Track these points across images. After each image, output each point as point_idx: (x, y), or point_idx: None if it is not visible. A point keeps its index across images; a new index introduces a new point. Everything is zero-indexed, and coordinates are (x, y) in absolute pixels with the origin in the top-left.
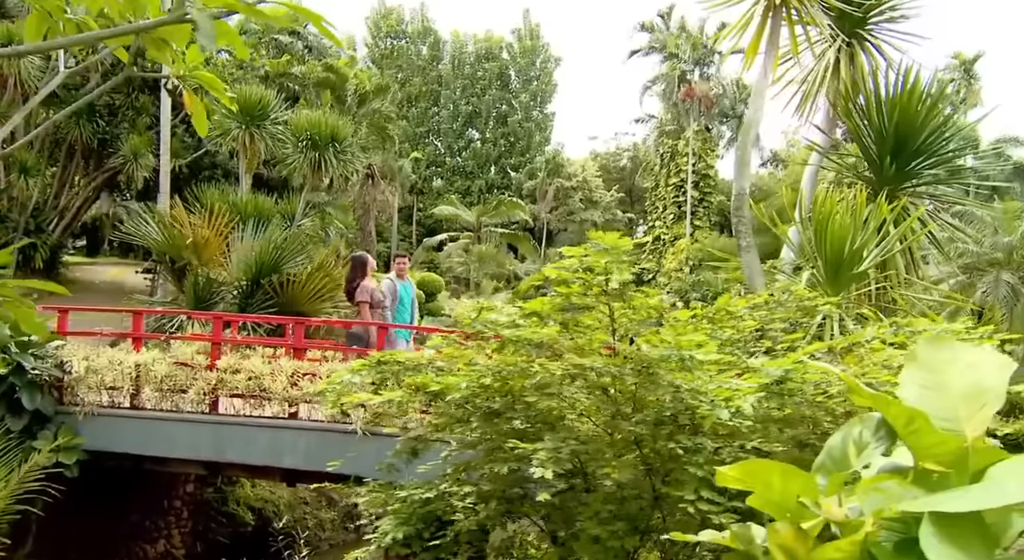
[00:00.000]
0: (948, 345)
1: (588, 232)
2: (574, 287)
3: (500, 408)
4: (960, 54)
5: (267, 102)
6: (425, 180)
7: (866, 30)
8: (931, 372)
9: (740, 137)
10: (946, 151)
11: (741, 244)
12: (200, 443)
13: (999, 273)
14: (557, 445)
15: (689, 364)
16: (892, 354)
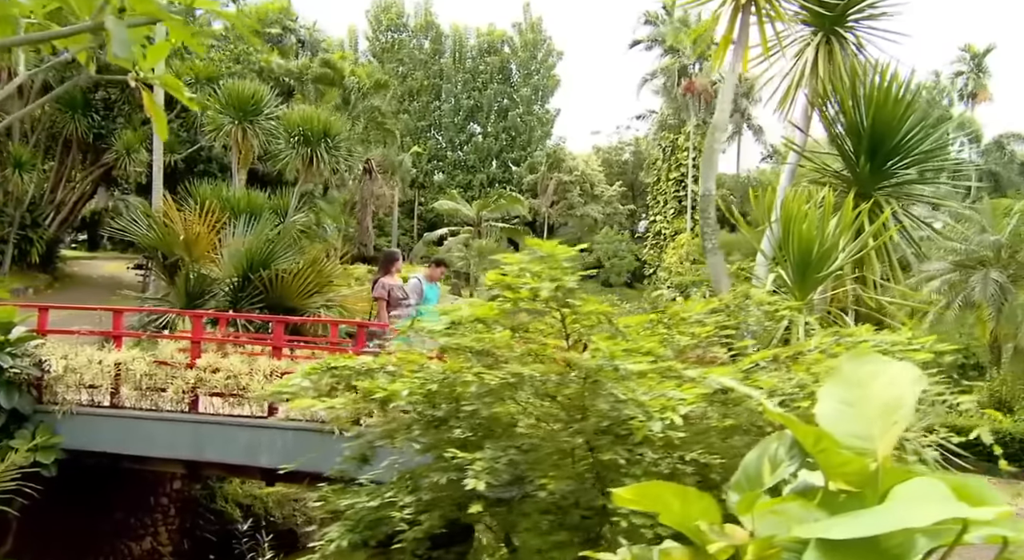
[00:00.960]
0: (871, 359)
1: (532, 241)
2: (522, 292)
3: (444, 415)
4: (971, 46)
5: (260, 97)
6: (426, 174)
7: (845, 27)
8: (852, 387)
9: (707, 138)
10: (922, 151)
11: (707, 246)
12: (179, 442)
13: (988, 272)
14: (496, 455)
15: (623, 373)
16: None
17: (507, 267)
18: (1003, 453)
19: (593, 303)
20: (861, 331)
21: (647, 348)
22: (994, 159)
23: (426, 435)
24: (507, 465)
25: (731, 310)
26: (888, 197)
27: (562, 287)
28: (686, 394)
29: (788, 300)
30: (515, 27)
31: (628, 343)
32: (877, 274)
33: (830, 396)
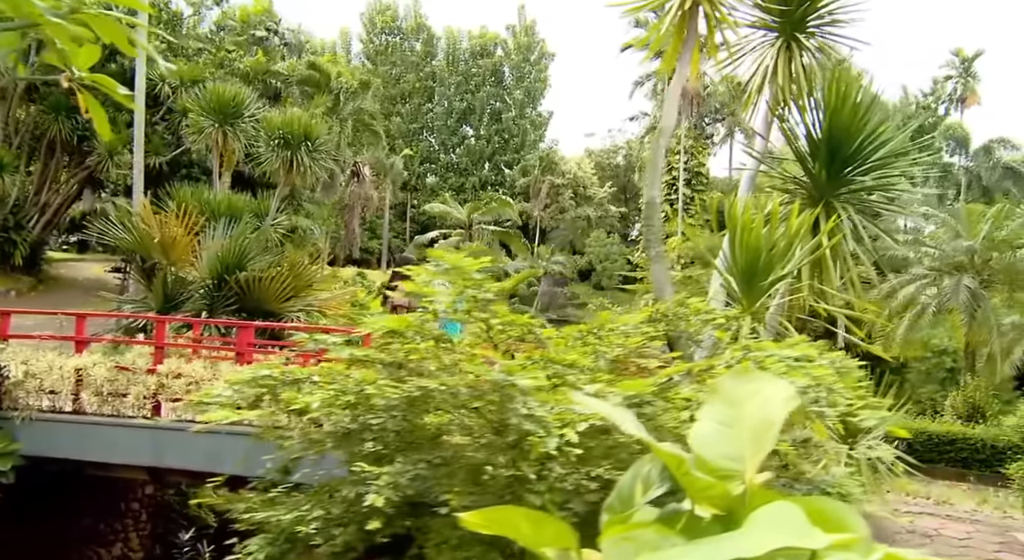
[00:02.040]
0: (751, 378)
1: (436, 252)
2: (445, 303)
3: (357, 428)
4: (960, 51)
5: (241, 100)
6: (419, 177)
7: (805, 33)
8: (729, 406)
9: (652, 144)
10: (879, 157)
11: (651, 254)
12: (140, 448)
13: (960, 277)
14: (403, 469)
15: (522, 388)
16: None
17: (418, 278)
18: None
19: (504, 312)
20: (769, 345)
21: (569, 360)
22: (982, 164)
23: (340, 447)
24: (412, 480)
25: (669, 319)
26: (845, 204)
27: (484, 299)
28: None
29: (735, 308)
30: (508, 30)
31: (552, 354)
32: (835, 282)
33: (708, 416)
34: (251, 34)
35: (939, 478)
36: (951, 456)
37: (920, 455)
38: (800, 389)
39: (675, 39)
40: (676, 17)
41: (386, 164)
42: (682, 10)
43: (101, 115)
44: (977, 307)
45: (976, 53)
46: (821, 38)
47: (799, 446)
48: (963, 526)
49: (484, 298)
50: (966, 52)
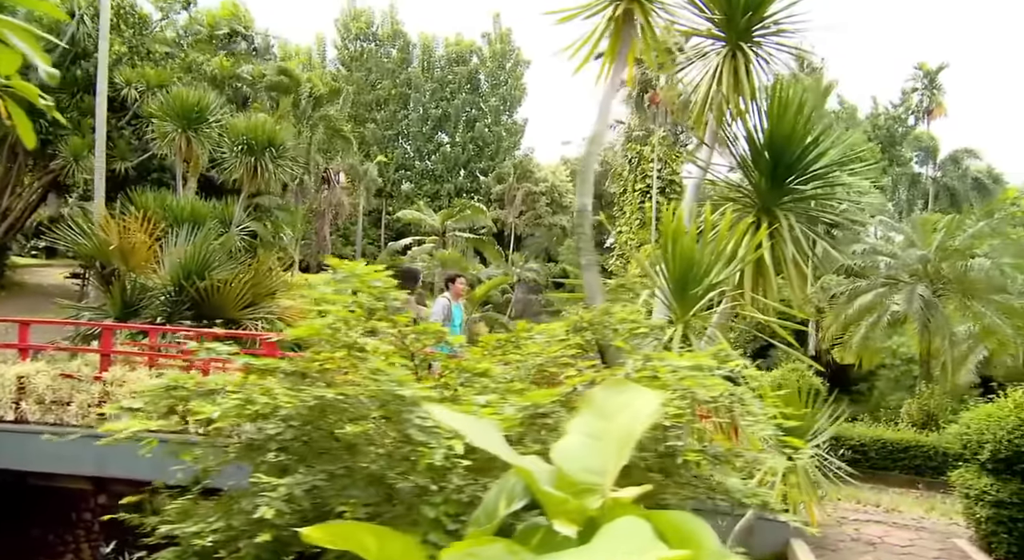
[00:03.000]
0: (625, 389)
1: (333, 260)
2: (342, 311)
3: (261, 438)
4: (923, 65)
5: (205, 105)
6: (394, 183)
7: (751, 42)
8: (600, 419)
9: (584, 151)
10: (822, 166)
11: (582, 262)
12: (82, 458)
13: (914, 286)
14: (300, 481)
15: (411, 398)
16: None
17: (320, 287)
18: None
19: (404, 319)
20: (669, 355)
21: (481, 369)
22: (950, 173)
23: (243, 458)
24: (308, 492)
25: (595, 327)
26: (788, 212)
27: (388, 307)
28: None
29: (667, 317)
30: (484, 38)
31: (464, 363)
32: (774, 291)
33: (577, 429)
34: (218, 38)
35: (893, 485)
36: (905, 463)
37: (875, 462)
38: (711, 399)
39: (609, 47)
40: (608, 25)
41: (360, 170)
42: (614, 18)
43: (24, 123)
44: (930, 315)
45: (939, 66)
46: (768, 48)
47: (717, 457)
48: (907, 533)
49: (392, 306)
50: (929, 65)
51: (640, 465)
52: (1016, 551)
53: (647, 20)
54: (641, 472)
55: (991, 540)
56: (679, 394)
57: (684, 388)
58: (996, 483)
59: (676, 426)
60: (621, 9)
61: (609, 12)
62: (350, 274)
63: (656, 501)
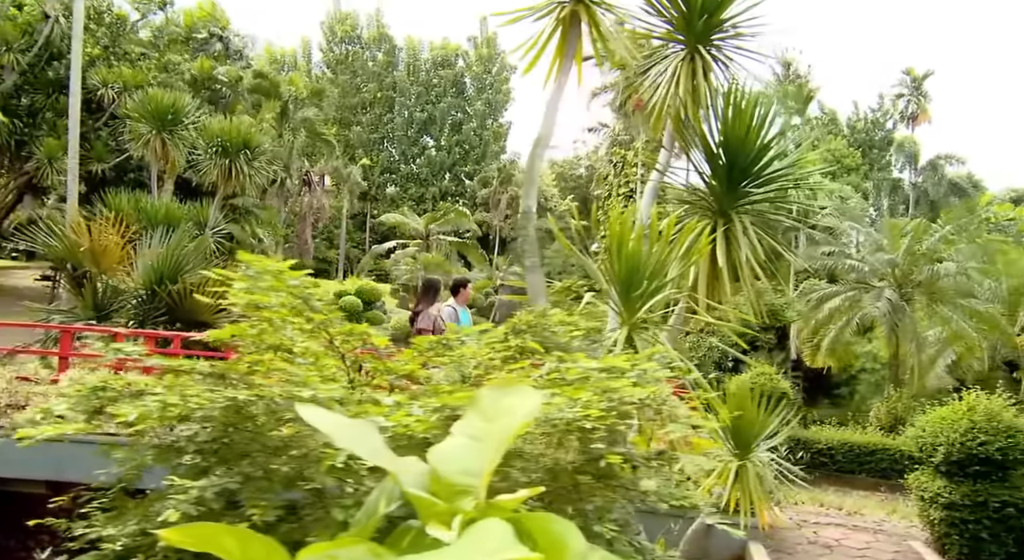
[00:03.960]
0: (512, 390)
1: (246, 256)
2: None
3: (180, 441)
4: (911, 70)
5: (180, 107)
6: (379, 187)
7: (710, 46)
8: (484, 420)
9: (529, 153)
10: (775, 170)
11: (526, 264)
12: (37, 462)
13: (882, 290)
14: (213, 483)
15: (321, 400)
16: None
17: (239, 285)
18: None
19: (320, 317)
20: (580, 357)
21: (406, 370)
22: (929, 179)
23: (158, 460)
24: (219, 494)
25: (533, 330)
26: (743, 216)
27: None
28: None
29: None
30: (470, 41)
31: (391, 365)
32: (727, 294)
33: (460, 430)
34: (195, 39)
35: (859, 488)
36: (871, 466)
37: (842, 466)
38: (638, 401)
39: (557, 49)
40: (556, 26)
41: (344, 173)
42: (560, 20)
43: None
44: (897, 319)
45: (926, 73)
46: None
47: (640, 460)
48: (865, 536)
49: (313, 306)
50: (917, 71)
51: (568, 468)
52: (967, 552)
53: (594, 22)
54: (569, 475)
55: (944, 542)
56: (606, 396)
57: (611, 391)
58: (949, 485)
59: (604, 428)
60: (567, 11)
61: (556, 14)
62: (262, 272)
63: (584, 504)
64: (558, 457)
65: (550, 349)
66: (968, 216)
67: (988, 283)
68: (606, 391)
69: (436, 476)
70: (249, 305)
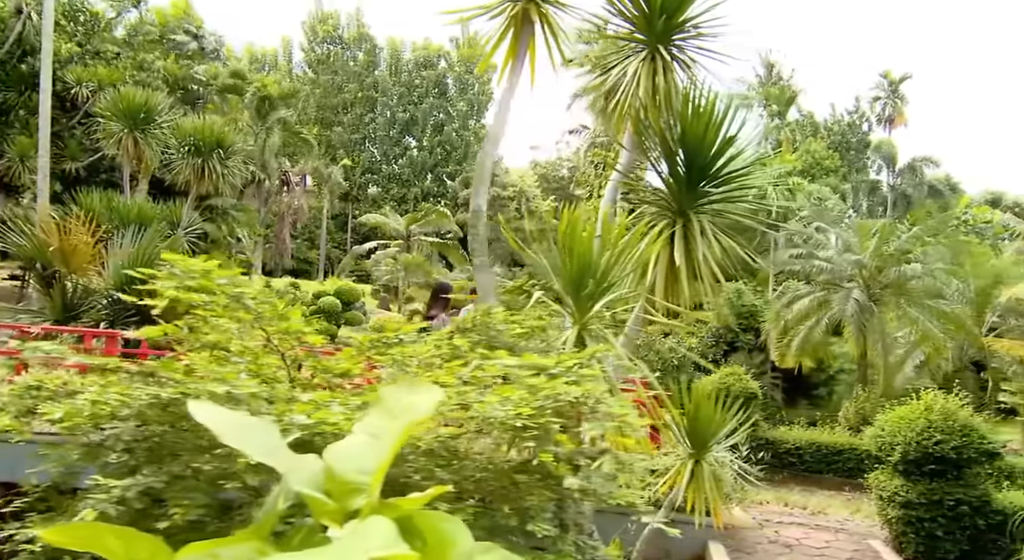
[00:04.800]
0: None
1: (168, 256)
2: (200, 311)
3: (110, 441)
4: (888, 73)
5: (152, 105)
6: (360, 187)
7: (671, 46)
8: (385, 417)
9: (480, 151)
10: (732, 170)
11: (475, 263)
12: None
13: (850, 291)
14: (137, 482)
15: (238, 397)
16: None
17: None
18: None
19: (249, 314)
20: (503, 355)
21: (341, 369)
22: (907, 181)
23: (86, 459)
24: (142, 493)
25: (478, 328)
26: (700, 216)
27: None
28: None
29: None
30: (452, 42)
31: (327, 363)
32: (685, 294)
33: (361, 427)
34: (169, 38)
35: (826, 488)
36: (839, 466)
37: (810, 466)
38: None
39: (509, 47)
40: (509, 24)
41: (324, 173)
42: (511, 18)
43: None
44: (865, 320)
45: (903, 76)
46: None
47: (572, 459)
48: (826, 535)
49: (245, 304)
50: (894, 74)
51: (504, 467)
52: (923, 550)
53: (546, 21)
54: (506, 474)
55: (901, 540)
56: (541, 395)
57: (545, 389)
58: (906, 484)
59: (537, 427)
60: (518, 9)
61: (507, 12)
62: (188, 271)
63: (522, 503)
64: (493, 456)
65: (496, 348)
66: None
67: (956, 284)
68: (541, 390)
69: (332, 474)
70: (171, 305)
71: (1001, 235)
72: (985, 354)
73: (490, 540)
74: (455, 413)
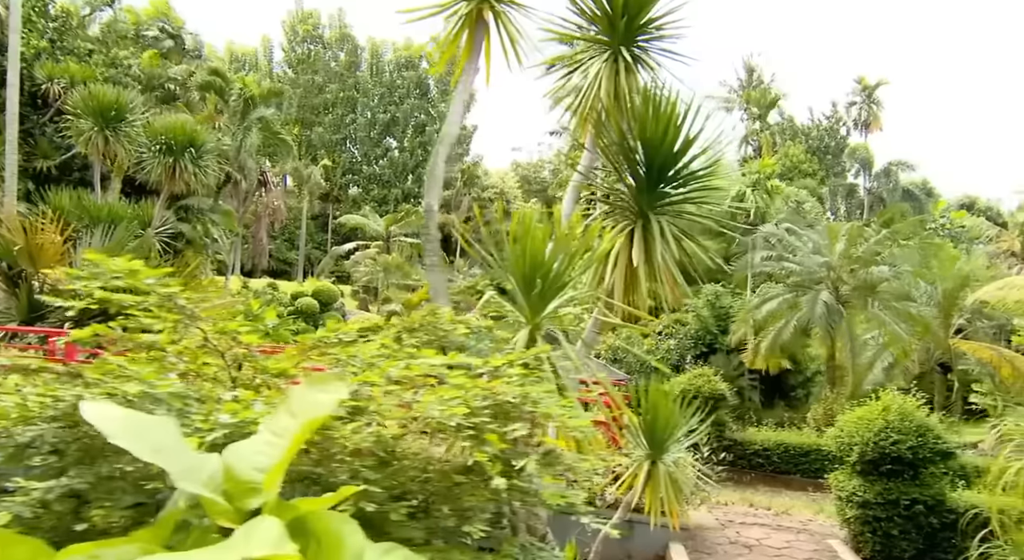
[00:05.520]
0: (323, 387)
1: (91, 254)
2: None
3: (35, 442)
4: (863, 79)
5: (123, 103)
6: (341, 188)
7: (635, 47)
8: (289, 416)
9: (432, 151)
10: (691, 171)
11: (426, 263)
12: None
13: (818, 293)
14: (60, 484)
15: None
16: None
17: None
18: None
19: (174, 315)
20: (428, 353)
21: (278, 369)
22: (883, 185)
23: (10, 462)
24: (63, 496)
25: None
26: (659, 217)
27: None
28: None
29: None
30: (433, 42)
31: (263, 362)
32: (643, 295)
33: (266, 426)
34: (145, 36)
35: (794, 488)
36: (806, 467)
37: (778, 466)
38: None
39: (465, 48)
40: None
41: (304, 174)
42: (466, 18)
43: None
44: (832, 322)
45: (878, 82)
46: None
47: (537, 458)
48: (787, 535)
49: (177, 303)
50: (868, 80)
51: (444, 468)
52: (879, 549)
53: (500, 20)
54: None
55: (859, 540)
56: (474, 394)
57: (479, 389)
58: (864, 484)
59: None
60: (472, 8)
61: (461, 12)
62: (115, 271)
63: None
64: (432, 457)
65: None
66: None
67: (925, 287)
68: (471, 390)
69: (230, 473)
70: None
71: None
72: (951, 356)
73: (430, 541)
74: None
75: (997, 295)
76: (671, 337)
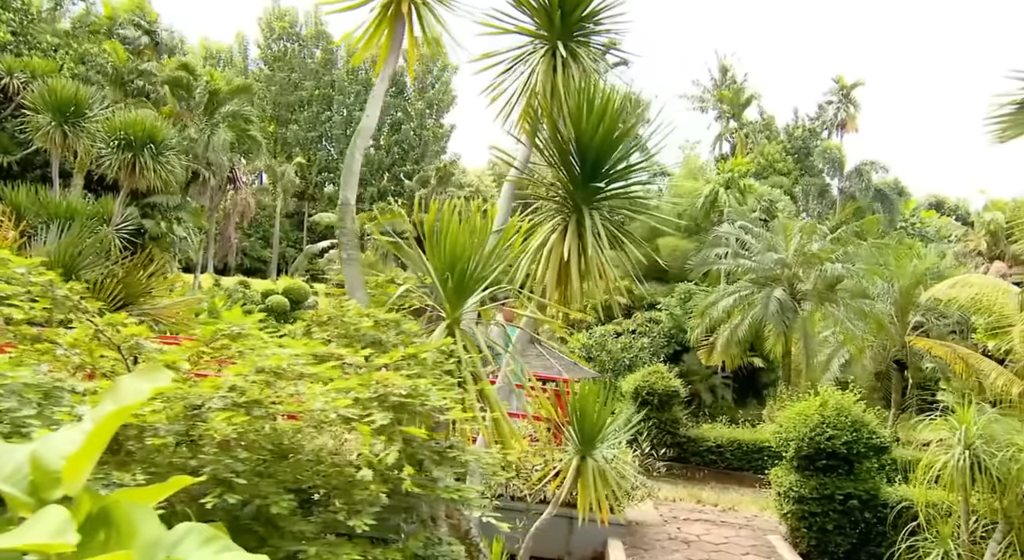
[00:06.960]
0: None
1: None
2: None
3: None
4: (841, 78)
5: (83, 98)
6: (316, 186)
7: (573, 43)
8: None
9: (350, 145)
10: (624, 166)
11: (343, 256)
12: None
13: (772, 290)
14: None
15: None
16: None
17: None
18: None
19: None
20: (293, 343)
21: (167, 362)
22: (855, 185)
23: None
24: None
25: (334, 322)
26: (592, 212)
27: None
28: None
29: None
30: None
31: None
32: (576, 291)
33: (90, 415)
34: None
35: (746, 484)
36: (759, 463)
37: (731, 463)
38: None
39: (385, 40)
40: (380, 18)
41: (277, 172)
42: (385, 9)
43: None
44: (786, 319)
45: (855, 82)
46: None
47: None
48: (728, 531)
49: (55, 295)
50: (846, 80)
51: (337, 461)
52: (816, 544)
53: (418, 13)
54: (341, 470)
55: (796, 535)
56: (370, 388)
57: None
58: (800, 479)
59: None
60: (389, 1)
61: (379, 4)
62: None
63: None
64: (322, 451)
65: (355, 342)
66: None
67: (882, 284)
68: (375, 383)
69: (37, 464)
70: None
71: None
72: (907, 353)
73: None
74: (285, 406)
75: (949, 293)
76: (644, 335)
